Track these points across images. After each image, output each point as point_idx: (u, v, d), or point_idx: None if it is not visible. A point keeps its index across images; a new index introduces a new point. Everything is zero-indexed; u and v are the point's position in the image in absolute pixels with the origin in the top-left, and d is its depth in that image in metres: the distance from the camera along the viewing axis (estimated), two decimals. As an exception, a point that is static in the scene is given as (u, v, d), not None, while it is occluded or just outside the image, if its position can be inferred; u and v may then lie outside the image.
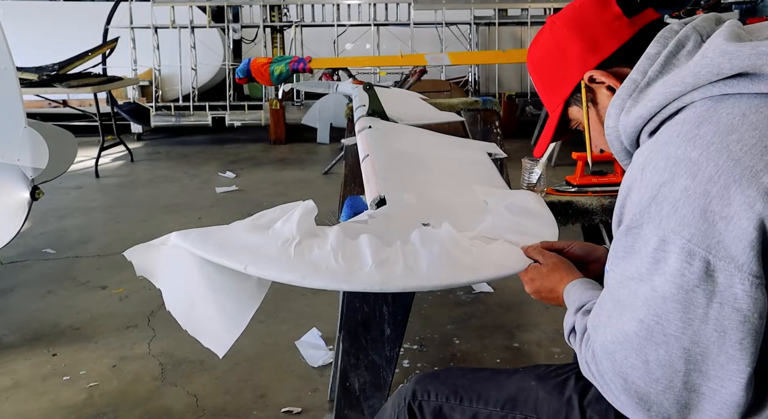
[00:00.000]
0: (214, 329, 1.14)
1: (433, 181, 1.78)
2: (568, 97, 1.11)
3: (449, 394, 1.20)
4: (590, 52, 1.06)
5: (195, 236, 1.16)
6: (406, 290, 1.24)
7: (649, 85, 0.97)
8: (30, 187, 2.40)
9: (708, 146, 0.84)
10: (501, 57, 6.56)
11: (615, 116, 1.01)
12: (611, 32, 1.05)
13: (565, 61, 1.09)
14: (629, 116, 0.98)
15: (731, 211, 0.81)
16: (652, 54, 0.98)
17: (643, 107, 0.96)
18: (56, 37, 6.96)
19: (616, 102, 1.00)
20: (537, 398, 1.15)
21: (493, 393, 1.18)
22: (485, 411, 1.17)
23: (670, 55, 0.96)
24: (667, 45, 0.97)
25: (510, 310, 2.86)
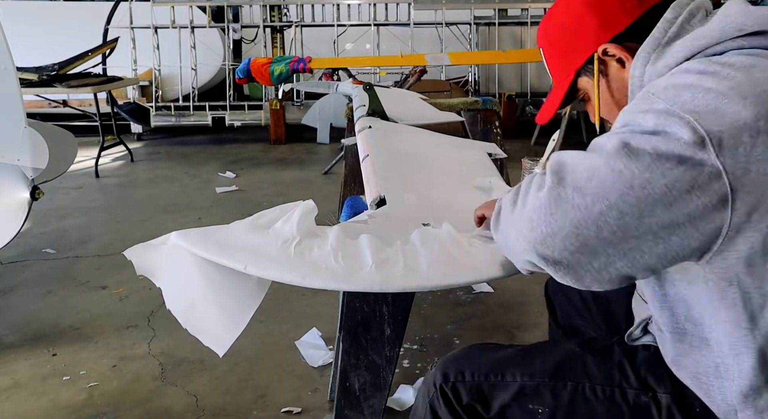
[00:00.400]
0: (215, 328, 1.15)
1: (433, 181, 1.78)
2: (580, 68, 1.17)
3: (488, 371, 1.16)
4: (605, 27, 1.12)
5: (195, 236, 1.16)
6: (406, 290, 1.24)
7: (668, 44, 1.05)
8: (30, 187, 2.40)
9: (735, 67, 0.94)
10: (501, 57, 6.56)
11: (641, 66, 1.08)
12: (624, 10, 1.12)
13: (581, 34, 1.15)
14: (656, 66, 1.06)
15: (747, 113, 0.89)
16: (670, 18, 1.07)
17: (671, 57, 1.04)
18: (56, 37, 6.96)
19: (641, 55, 1.08)
20: (585, 363, 1.14)
21: (538, 364, 1.15)
22: (531, 383, 1.14)
23: (685, 21, 1.06)
24: (682, 13, 1.07)
25: (510, 310, 2.86)
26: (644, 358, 1.13)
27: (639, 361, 1.13)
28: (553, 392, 1.13)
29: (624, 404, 1.10)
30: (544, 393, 1.13)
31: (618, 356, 1.14)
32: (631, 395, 1.10)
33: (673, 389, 1.08)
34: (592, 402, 1.11)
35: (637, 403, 1.09)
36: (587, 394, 1.12)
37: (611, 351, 1.15)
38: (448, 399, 1.17)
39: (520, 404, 1.14)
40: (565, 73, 1.20)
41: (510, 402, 1.14)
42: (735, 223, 0.89)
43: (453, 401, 1.17)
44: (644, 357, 1.12)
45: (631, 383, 1.11)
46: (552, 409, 1.13)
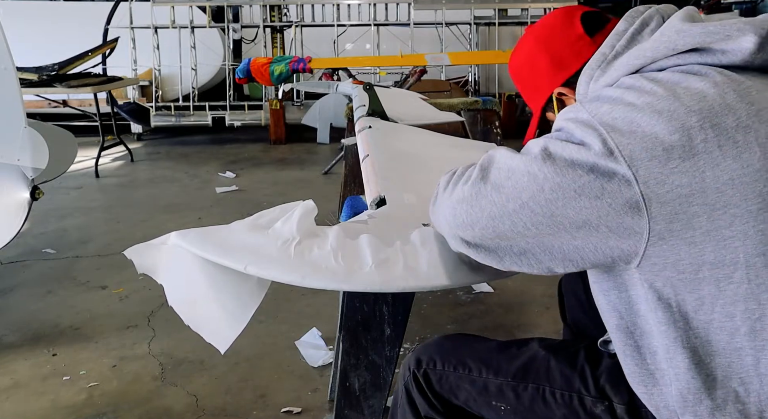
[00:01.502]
0: (216, 325, 1.15)
1: (433, 181, 1.77)
2: (544, 105, 1.23)
3: (456, 364, 1.21)
4: (557, 70, 1.18)
5: (194, 236, 1.16)
6: (406, 290, 1.24)
7: (615, 58, 1.07)
8: (30, 187, 2.40)
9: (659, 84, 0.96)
10: (501, 57, 6.54)
11: (585, 84, 1.11)
12: (574, 52, 1.16)
13: (537, 76, 1.21)
14: (597, 84, 1.09)
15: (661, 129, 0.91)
16: (620, 30, 1.09)
17: (609, 76, 1.06)
18: (56, 37, 6.95)
19: (587, 72, 1.11)
20: (549, 367, 1.17)
21: (503, 363, 1.19)
22: (496, 381, 1.18)
23: (636, 33, 1.07)
24: (634, 23, 1.08)
25: (510, 310, 2.87)
26: (607, 366, 1.14)
27: (601, 369, 1.14)
28: (515, 392, 1.17)
29: (581, 410, 1.13)
30: (507, 392, 1.17)
31: (581, 362, 1.16)
32: (588, 402, 1.12)
33: (629, 399, 1.09)
34: (551, 405, 1.15)
35: (593, 411, 1.12)
36: (547, 397, 1.15)
37: (576, 357, 1.17)
38: (420, 384, 1.23)
39: (483, 399, 1.19)
40: (534, 107, 1.26)
41: (475, 395, 1.20)
42: (656, 230, 0.92)
43: (424, 386, 1.23)
44: (607, 366, 1.14)
45: (590, 390, 1.13)
46: (513, 408, 1.17)
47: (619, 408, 1.10)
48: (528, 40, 1.23)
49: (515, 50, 1.27)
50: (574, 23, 1.17)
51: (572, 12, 1.19)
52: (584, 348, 1.19)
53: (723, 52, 0.97)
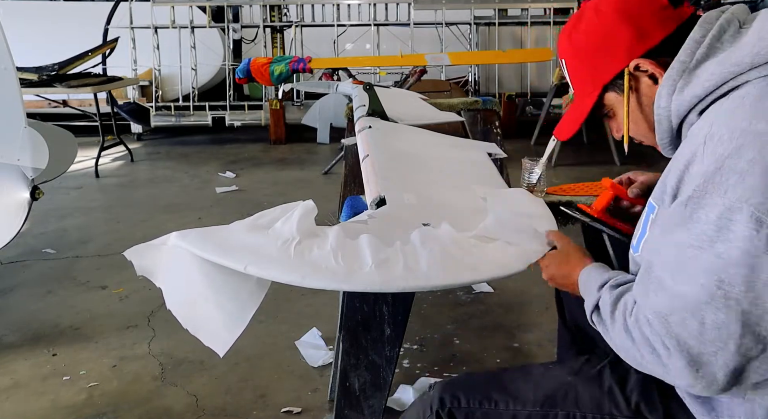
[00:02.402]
0: (215, 328, 1.15)
1: (433, 181, 1.78)
2: (608, 82, 1.12)
3: (482, 399, 1.17)
4: (638, 41, 1.08)
5: (194, 236, 1.16)
6: (406, 290, 1.24)
7: (697, 67, 1.01)
8: (30, 187, 2.41)
9: None
10: (501, 57, 6.55)
11: (667, 96, 1.04)
12: (659, 22, 1.07)
13: (612, 47, 1.10)
14: (683, 95, 1.02)
15: None
16: (698, 37, 1.02)
17: (699, 86, 1.00)
18: (56, 37, 6.95)
19: (667, 83, 1.04)
20: (576, 393, 1.14)
21: (529, 393, 1.16)
22: (524, 412, 1.15)
23: (714, 40, 1.01)
24: (711, 29, 1.02)
25: (510, 310, 2.86)
26: (636, 383, 1.12)
27: (630, 386, 1.12)
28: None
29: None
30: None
31: (608, 382, 1.13)
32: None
33: (665, 414, 1.07)
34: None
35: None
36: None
37: (602, 377, 1.14)
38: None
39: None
40: (591, 88, 1.15)
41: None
42: None
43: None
44: (636, 382, 1.12)
45: (622, 410, 1.10)
46: None
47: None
48: (600, 11, 1.12)
49: (577, 21, 1.16)
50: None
51: None
52: (608, 366, 1.15)
53: None
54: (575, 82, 1.19)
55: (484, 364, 2.44)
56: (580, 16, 1.16)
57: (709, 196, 0.90)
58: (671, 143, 1.09)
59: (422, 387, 2.23)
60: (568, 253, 1.24)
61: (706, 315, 0.90)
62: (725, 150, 0.90)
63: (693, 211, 0.91)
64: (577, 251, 1.24)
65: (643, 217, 1.10)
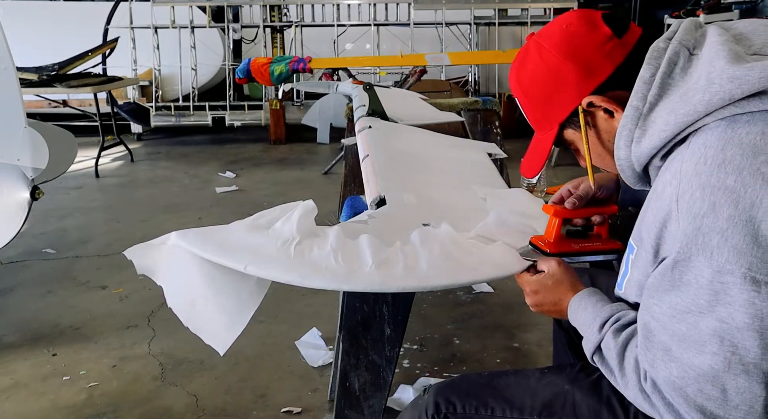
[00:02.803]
0: (215, 327, 1.15)
1: (433, 181, 1.78)
2: (564, 121, 1.10)
3: (478, 405, 1.15)
4: (586, 78, 1.05)
5: (194, 236, 1.16)
6: (406, 290, 1.24)
7: (651, 111, 0.97)
8: (30, 187, 2.40)
9: (740, 171, 0.85)
10: (501, 57, 6.55)
11: (625, 148, 1.01)
12: (605, 55, 1.04)
13: (560, 87, 1.07)
14: (640, 147, 0.98)
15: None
16: (647, 77, 0.98)
17: (656, 138, 0.96)
18: (56, 37, 6.95)
19: (624, 133, 1.00)
20: (574, 401, 1.13)
21: (527, 400, 1.15)
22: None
23: (665, 76, 0.97)
24: (659, 65, 0.97)
25: (510, 310, 2.86)
26: None
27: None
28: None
29: None
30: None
31: (606, 392, 1.11)
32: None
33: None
34: None
35: None
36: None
37: (600, 386, 1.13)
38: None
39: None
40: (548, 126, 1.13)
41: None
42: None
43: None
44: None
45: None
46: None
47: None
48: (543, 49, 1.08)
49: (521, 62, 1.13)
50: (598, 25, 1.05)
51: (590, 15, 1.08)
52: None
53: None
54: (531, 121, 1.16)
55: (484, 364, 2.44)
56: (524, 54, 1.13)
57: (695, 258, 0.87)
58: (639, 183, 1.07)
59: (422, 387, 2.23)
60: (559, 277, 1.18)
61: (726, 383, 0.88)
62: (700, 209, 0.87)
63: (682, 274, 0.89)
64: (567, 274, 1.18)
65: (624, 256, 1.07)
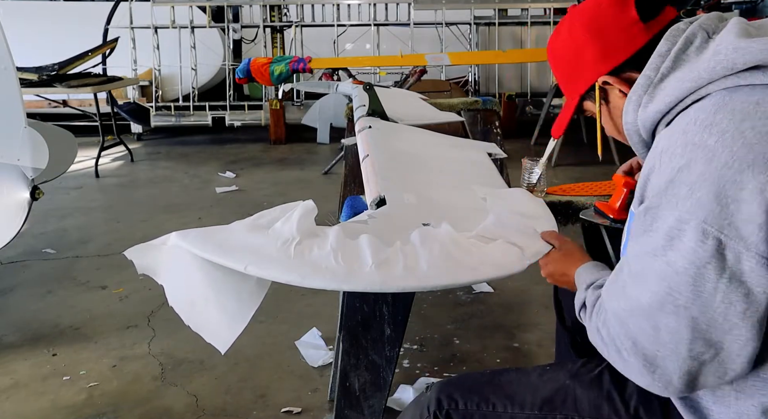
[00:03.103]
0: (216, 327, 1.15)
1: (433, 181, 1.78)
2: (583, 93, 1.17)
3: (479, 401, 1.17)
4: (604, 58, 1.11)
5: (195, 236, 1.16)
6: (406, 290, 1.24)
7: (662, 81, 1.02)
8: (30, 187, 2.40)
9: (723, 133, 0.90)
10: (501, 57, 6.55)
11: (633, 113, 1.07)
12: (627, 38, 1.09)
13: (581, 64, 1.14)
14: (647, 111, 1.04)
15: (743, 195, 0.87)
16: (663, 51, 1.03)
17: (660, 101, 1.02)
18: (56, 37, 6.95)
19: (633, 98, 1.06)
20: (575, 396, 1.15)
21: (528, 395, 1.16)
22: (522, 415, 1.15)
23: (680, 52, 1.02)
24: (676, 42, 1.03)
25: (510, 310, 2.86)
26: (635, 388, 1.11)
27: (629, 391, 1.13)
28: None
29: None
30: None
31: (607, 386, 1.14)
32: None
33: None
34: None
35: None
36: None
37: (601, 381, 1.15)
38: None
39: None
40: (571, 95, 1.20)
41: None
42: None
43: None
44: (635, 387, 1.11)
45: (621, 415, 1.11)
46: None
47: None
48: (573, 21, 1.15)
49: (557, 32, 1.20)
50: (628, 6, 1.09)
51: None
52: (607, 369, 1.16)
53: None
54: (561, 87, 1.25)
55: (484, 364, 2.44)
56: (560, 26, 1.20)
57: (664, 207, 0.93)
58: (645, 150, 1.12)
59: (422, 387, 2.23)
60: (566, 251, 1.27)
61: (659, 320, 0.93)
62: (677, 163, 0.92)
63: (652, 220, 0.95)
64: (576, 249, 1.28)
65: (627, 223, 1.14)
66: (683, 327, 0.92)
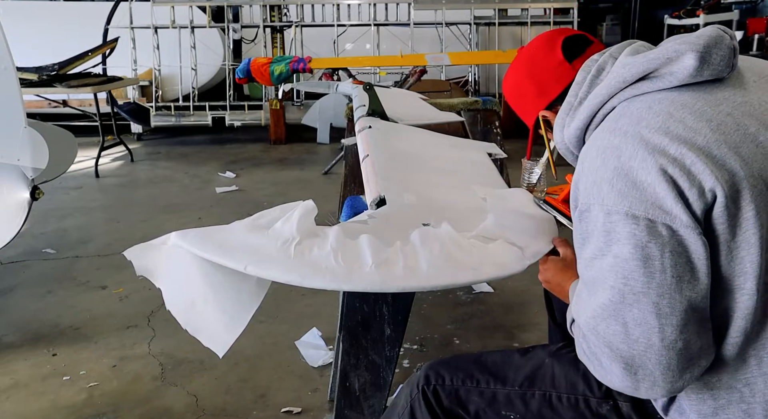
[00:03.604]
0: (214, 328, 1.15)
1: (433, 181, 1.78)
2: (534, 123, 1.35)
3: (464, 377, 1.25)
4: (540, 96, 1.29)
5: (195, 236, 1.16)
6: (406, 290, 1.24)
7: (580, 104, 1.17)
8: (30, 187, 2.40)
9: (625, 134, 1.03)
10: (501, 57, 6.54)
11: (559, 133, 1.22)
12: (555, 77, 1.26)
13: (524, 101, 1.33)
14: (569, 129, 1.19)
15: (651, 177, 0.97)
16: (580, 80, 1.18)
17: (578, 119, 1.16)
18: (56, 37, 6.95)
19: (558, 122, 1.22)
20: (553, 374, 1.22)
21: (510, 373, 1.24)
22: (504, 391, 1.23)
23: (593, 78, 1.16)
24: (590, 71, 1.17)
25: (510, 310, 2.87)
26: None
27: None
28: (523, 400, 1.21)
29: (588, 412, 1.18)
30: (515, 400, 1.22)
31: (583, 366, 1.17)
32: (594, 403, 1.17)
33: (632, 397, 1.13)
34: (558, 410, 1.19)
35: (599, 412, 1.17)
36: (554, 403, 1.20)
37: (578, 361, 1.18)
38: (429, 401, 1.25)
39: (493, 409, 1.23)
40: (528, 123, 1.38)
41: (485, 407, 1.23)
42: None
43: (433, 403, 1.25)
44: None
45: (594, 392, 1.18)
46: (522, 416, 1.21)
47: (624, 406, 1.15)
48: (516, 66, 1.34)
49: (507, 74, 1.38)
50: (555, 50, 1.26)
51: (555, 38, 1.28)
52: None
53: (671, 74, 1.05)
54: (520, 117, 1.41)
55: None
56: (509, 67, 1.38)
57: (593, 207, 1.01)
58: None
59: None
60: (568, 263, 1.31)
61: (625, 315, 0.98)
62: (593, 165, 1.03)
63: (587, 224, 1.03)
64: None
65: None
66: (648, 315, 0.96)
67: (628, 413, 1.15)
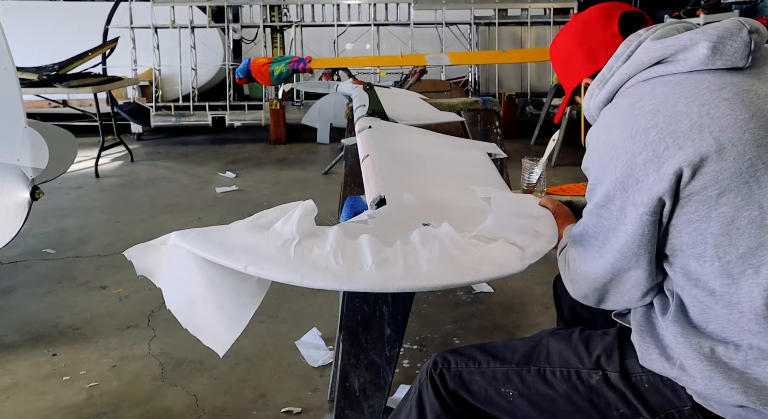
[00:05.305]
0: (215, 328, 1.14)
1: (433, 181, 1.78)
2: (574, 89, 1.42)
3: (468, 360, 1.33)
4: (588, 64, 1.35)
5: (195, 236, 1.16)
6: (406, 290, 1.24)
7: (612, 77, 1.24)
8: (30, 187, 2.40)
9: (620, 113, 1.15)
10: (501, 57, 6.55)
11: (587, 102, 1.31)
12: (607, 49, 1.29)
13: (570, 66, 1.39)
14: (594, 101, 1.28)
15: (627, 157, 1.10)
16: (619, 54, 1.24)
17: (602, 93, 1.25)
18: (56, 37, 6.95)
19: (588, 90, 1.30)
20: (548, 351, 1.30)
21: (508, 353, 1.33)
22: (502, 369, 1.30)
23: (630, 55, 1.22)
24: (631, 46, 1.22)
25: (510, 310, 2.87)
26: (599, 341, 1.28)
27: (594, 344, 1.28)
28: (519, 376, 1.28)
29: (579, 383, 1.24)
30: (512, 377, 1.29)
31: (575, 341, 1.30)
32: (585, 375, 1.25)
33: (621, 367, 1.22)
34: (552, 383, 1.26)
35: (590, 383, 1.24)
36: (548, 377, 1.27)
37: (571, 337, 1.31)
38: (435, 385, 1.32)
39: (494, 388, 1.30)
40: (566, 89, 1.44)
41: (485, 386, 1.30)
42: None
43: (440, 386, 1.32)
44: (598, 341, 1.28)
45: (585, 363, 1.26)
46: (520, 392, 1.28)
47: (612, 375, 1.23)
48: (569, 31, 1.39)
49: (558, 36, 1.44)
50: (612, 22, 1.33)
51: (614, 10, 1.35)
52: (578, 330, 1.32)
53: (685, 60, 1.13)
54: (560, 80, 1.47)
55: (484, 364, 2.44)
56: (561, 31, 1.44)
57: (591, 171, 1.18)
58: None
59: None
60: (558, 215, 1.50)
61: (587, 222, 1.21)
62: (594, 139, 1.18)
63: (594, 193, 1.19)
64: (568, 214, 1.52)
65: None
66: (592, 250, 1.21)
67: (615, 382, 1.22)
